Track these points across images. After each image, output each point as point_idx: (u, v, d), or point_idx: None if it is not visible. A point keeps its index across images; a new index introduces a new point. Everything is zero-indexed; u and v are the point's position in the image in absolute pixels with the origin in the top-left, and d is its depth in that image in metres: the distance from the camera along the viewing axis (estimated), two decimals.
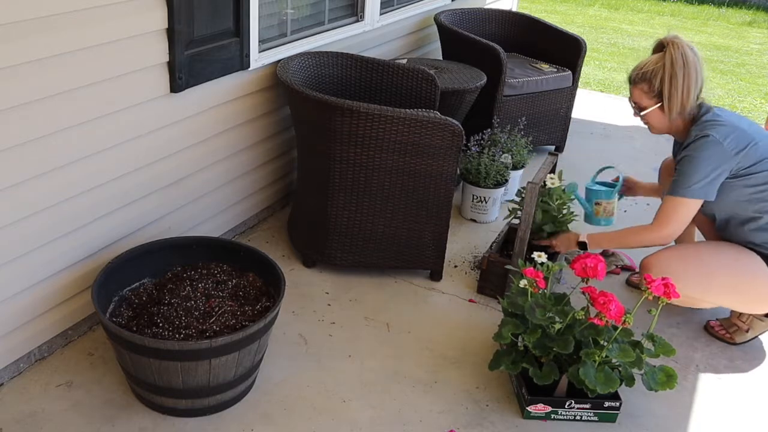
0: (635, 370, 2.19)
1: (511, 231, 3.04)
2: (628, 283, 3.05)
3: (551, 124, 4.19)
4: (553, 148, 4.34)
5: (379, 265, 2.88)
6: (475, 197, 3.41)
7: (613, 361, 2.16)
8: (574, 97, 4.22)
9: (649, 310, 2.21)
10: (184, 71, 2.47)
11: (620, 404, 2.23)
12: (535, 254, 2.41)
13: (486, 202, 3.41)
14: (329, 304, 2.74)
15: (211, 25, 2.56)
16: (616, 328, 2.15)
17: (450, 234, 2.97)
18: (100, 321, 2.42)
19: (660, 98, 2.44)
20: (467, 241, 3.29)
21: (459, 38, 4.03)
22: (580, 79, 4.90)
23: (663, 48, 2.45)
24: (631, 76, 2.52)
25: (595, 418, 2.24)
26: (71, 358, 2.35)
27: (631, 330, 2.21)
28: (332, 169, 2.68)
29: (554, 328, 2.15)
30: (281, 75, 2.83)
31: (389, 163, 2.64)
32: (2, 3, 1.82)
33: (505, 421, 2.23)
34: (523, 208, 2.64)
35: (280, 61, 2.99)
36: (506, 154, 3.48)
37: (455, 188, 2.85)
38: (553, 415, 2.23)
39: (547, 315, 2.19)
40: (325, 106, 2.58)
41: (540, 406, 2.22)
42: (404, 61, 3.72)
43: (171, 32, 2.37)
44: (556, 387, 2.22)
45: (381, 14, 3.84)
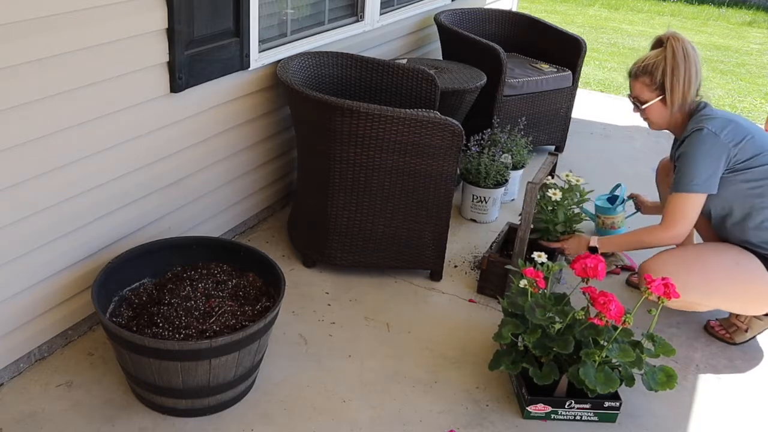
0: (635, 370, 2.19)
1: (511, 231, 3.04)
2: (628, 283, 3.05)
3: (551, 124, 4.19)
4: (553, 148, 4.34)
5: (379, 265, 2.88)
6: (475, 197, 3.41)
7: (613, 361, 2.16)
8: (574, 97, 4.22)
9: (649, 310, 2.21)
10: (184, 71, 2.47)
11: (620, 404, 2.23)
12: (535, 254, 2.41)
13: (486, 202, 3.41)
14: (329, 304, 2.74)
15: (211, 25, 2.56)
16: (616, 328, 2.15)
17: (450, 234, 2.97)
18: (100, 321, 2.42)
19: (661, 91, 2.44)
20: (467, 241, 3.29)
21: (459, 38, 4.03)
22: (580, 79, 4.90)
23: (662, 44, 2.45)
24: (632, 70, 2.52)
25: (595, 418, 2.24)
26: (71, 358, 2.35)
27: (631, 330, 2.21)
28: (332, 169, 2.68)
29: (554, 328, 2.15)
30: (281, 75, 2.83)
31: (389, 163, 2.64)
32: (2, 3, 1.82)
33: (505, 421, 2.23)
34: (523, 208, 2.64)
35: (280, 61, 2.99)
36: (506, 154, 3.48)
37: (455, 188, 2.85)
38: (553, 415, 2.23)
39: (547, 315, 2.19)
40: (325, 106, 2.58)
41: (540, 406, 2.22)
42: (404, 61, 3.72)
43: (171, 32, 2.37)
44: (556, 387, 2.22)
45: (381, 14, 3.84)
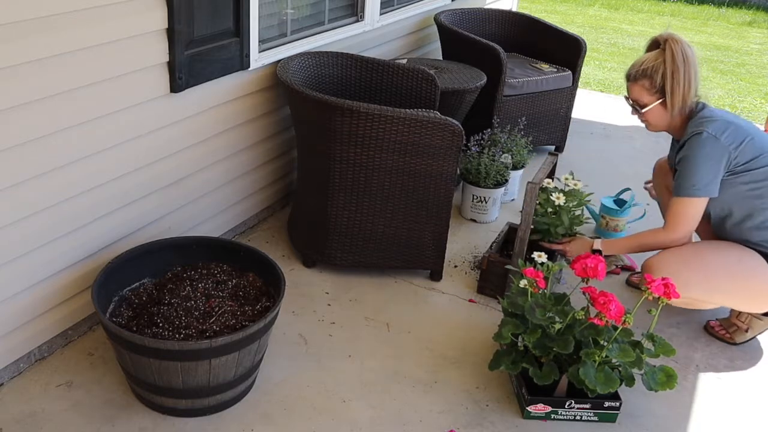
0: (635, 370, 2.19)
1: (511, 231, 3.04)
2: (628, 283, 3.05)
3: (551, 124, 4.19)
4: (553, 148, 4.34)
5: (379, 265, 2.88)
6: (475, 197, 3.41)
7: (613, 361, 2.16)
8: (574, 97, 4.22)
9: (649, 310, 2.21)
10: (184, 71, 2.47)
11: (620, 404, 2.23)
12: (535, 254, 2.41)
13: (486, 202, 3.41)
14: (329, 304, 2.74)
15: (211, 25, 2.56)
16: (616, 328, 2.15)
17: (450, 234, 2.97)
18: (100, 321, 2.42)
19: (661, 94, 2.44)
20: (467, 241, 3.29)
21: (459, 38, 4.03)
22: (580, 79, 4.90)
23: (659, 45, 2.45)
24: (630, 73, 2.51)
25: (595, 418, 2.24)
26: (71, 358, 2.35)
27: (631, 330, 2.21)
28: (332, 169, 2.68)
29: (554, 328, 2.15)
30: (281, 75, 2.84)
31: (389, 163, 2.64)
32: (2, 3, 1.82)
33: (505, 421, 2.23)
34: (523, 208, 2.63)
35: (280, 61, 2.99)
36: (506, 154, 3.48)
37: (455, 188, 2.85)
38: (553, 415, 2.23)
39: (547, 315, 2.19)
40: (325, 106, 2.58)
41: (540, 406, 2.22)
42: (404, 61, 3.72)
43: (171, 32, 2.37)
44: (556, 387, 2.22)
45: (381, 14, 3.84)
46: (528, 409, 2.22)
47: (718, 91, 6.54)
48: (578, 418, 2.24)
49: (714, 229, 2.58)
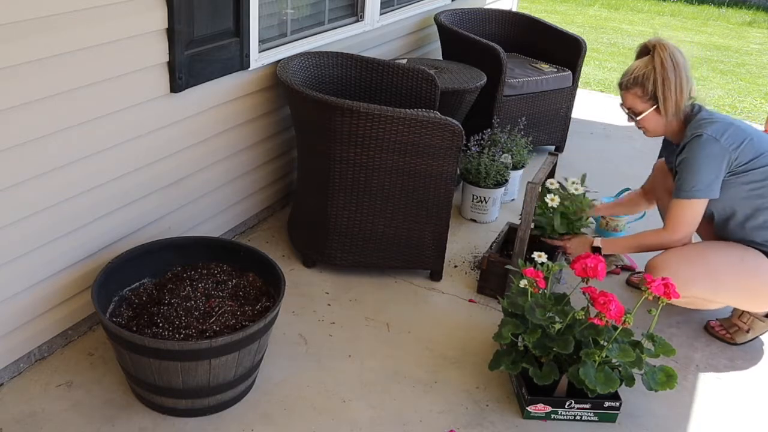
0: (635, 370, 2.19)
1: (511, 231, 3.04)
2: (628, 283, 3.05)
3: (551, 124, 4.19)
4: (553, 148, 4.34)
5: (379, 265, 2.88)
6: (475, 197, 3.41)
7: (613, 361, 2.16)
8: (574, 97, 4.22)
9: (649, 310, 2.21)
10: (184, 71, 2.47)
11: (620, 404, 2.23)
12: (535, 254, 2.41)
13: (486, 202, 3.41)
14: (329, 304, 2.74)
15: (211, 25, 2.56)
16: (616, 328, 2.15)
17: (450, 234, 2.97)
18: (100, 321, 2.42)
19: (654, 101, 2.45)
20: (467, 241, 3.29)
21: (459, 38, 4.03)
22: (580, 79, 4.90)
23: (648, 51, 2.46)
24: (622, 82, 2.52)
25: (595, 418, 2.24)
26: (71, 358, 2.35)
27: (631, 330, 2.21)
28: (332, 169, 2.68)
29: (554, 328, 2.15)
30: (281, 75, 2.83)
31: (389, 163, 2.64)
32: (2, 3, 1.82)
33: (505, 421, 2.23)
34: (523, 208, 2.63)
35: (280, 61, 2.99)
36: (506, 154, 3.48)
37: (455, 188, 2.85)
38: (553, 415, 2.23)
39: (547, 315, 2.19)
40: (325, 106, 2.58)
41: (540, 406, 2.22)
42: (404, 61, 3.72)
43: (171, 32, 2.37)
44: (556, 387, 2.22)
45: (381, 14, 3.84)
46: (528, 409, 2.22)
47: (718, 91, 6.54)
48: (578, 418, 2.24)
49: (717, 230, 2.58)
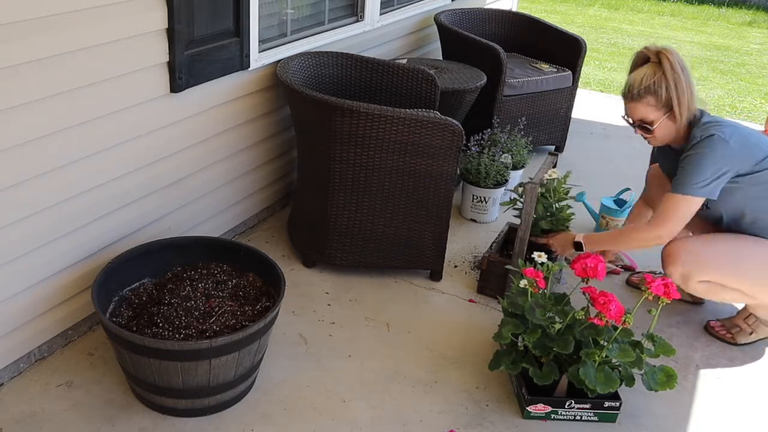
0: (635, 370, 2.19)
1: (511, 231, 3.04)
2: (628, 283, 3.05)
3: (551, 124, 4.19)
4: (553, 148, 4.34)
5: (379, 265, 2.88)
6: (475, 197, 3.41)
7: (613, 361, 2.16)
8: (574, 97, 4.22)
9: (649, 310, 2.21)
10: (184, 71, 2.47)
11: (620, 404, 2.23)
12: (535, 254, 2.41)
13: (486, 202, 3.41)
14: (329, 304, 2.74)
15: (211, 25, 2.56)
16: (616, 328, 2.15)
17: (450, 234, 2.97)
18: (100, 321, 2.42)
19: (668, 108, 2.42)
20: (467, 241, 3.29)
21: (459, 38, 4.03)
22: (580, 79, 4.90)
23: (648, 60, 2.44)
24: (633, 92, 2.44)
25: (595, 418, 2.24)
26: (71, 358, 2.35)
27: (631, 330, 2.21)
28: (332, 169, 2.68)
29: (554, 328, 2.15)
30: (281, 75, 2.84)
31: (389, 163, 2.64)
32: (2, 3, 1.82)
33: (505, 421, 2.23)
34: (523, 207, 2.64)
35: (280, 61, 2.99)
36: (506, 154, 3.48)
37: (455, 188, 2.85)
38: (553, 415, 2.23)
39: (547, 315, 2.19)
40: (325, 106, 2.58)
41: (540, 406, 2.22)
42: (404, 61, 3.72)
43: (171, 32, 2.37)
44: (556, 387, 2.22)
45: (381, 14, 3.84)
46: (528, 409, 2.22)
47: (718, 91, 6.54)
48: (578, 418, 2.24)
49: (726, 230, 2.57)
